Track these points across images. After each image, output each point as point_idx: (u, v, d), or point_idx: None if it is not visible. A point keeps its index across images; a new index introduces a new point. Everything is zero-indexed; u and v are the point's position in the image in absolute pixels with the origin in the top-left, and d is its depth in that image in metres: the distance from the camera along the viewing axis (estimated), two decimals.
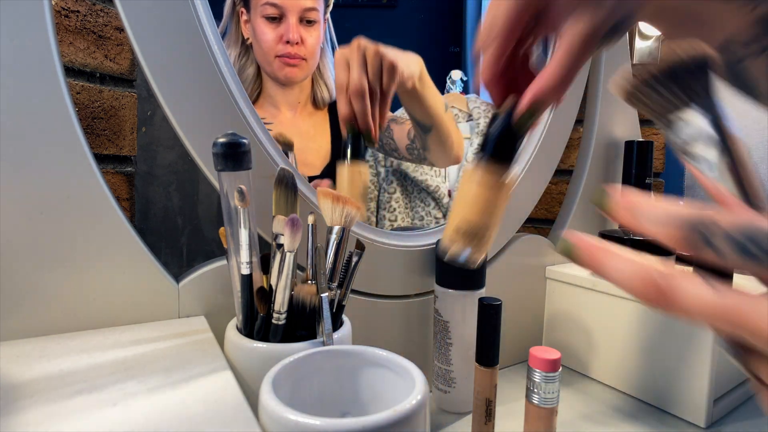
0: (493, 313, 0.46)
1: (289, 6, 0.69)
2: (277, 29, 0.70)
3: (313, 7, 0.71)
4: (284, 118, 0.77)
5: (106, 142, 0.57)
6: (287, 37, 0.70)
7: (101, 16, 0.56)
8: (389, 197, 0.81)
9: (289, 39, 0.70)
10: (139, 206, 0.68)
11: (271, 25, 0.70)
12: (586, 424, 0.56)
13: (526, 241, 0.70)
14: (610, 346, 0.65)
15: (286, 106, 0.77)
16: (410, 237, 0.59)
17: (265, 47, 0.71)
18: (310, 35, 0.72)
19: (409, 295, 0.59)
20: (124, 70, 0.59)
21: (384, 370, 0.37)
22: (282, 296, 0.38)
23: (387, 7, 0.98)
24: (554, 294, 0.72)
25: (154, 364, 0.36)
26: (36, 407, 0.29)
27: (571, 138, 0.76)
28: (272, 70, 0.73)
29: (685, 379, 0.57)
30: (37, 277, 0.39)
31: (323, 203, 0.44)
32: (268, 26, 0.70)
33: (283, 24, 0.70)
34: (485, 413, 0.47)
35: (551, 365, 0.45)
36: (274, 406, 0.29)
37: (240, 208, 0.37)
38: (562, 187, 0.95)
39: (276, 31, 0.70)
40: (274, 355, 0.36)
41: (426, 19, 1.02)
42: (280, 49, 0.71)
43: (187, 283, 0.45)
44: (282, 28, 0.70)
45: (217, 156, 0.37)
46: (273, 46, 0.71)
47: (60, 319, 0.40)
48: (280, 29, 0.70)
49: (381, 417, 0.28)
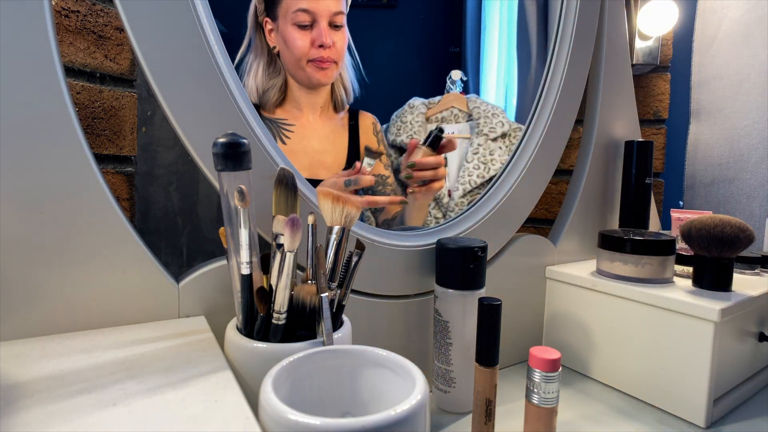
0: (493, 313, 0.46)
1: (320, 11, 0.72)
2: (309, 35, 0.73)
3: (341, 11, 0.74)
4: (306, 120, 0.79)
5: (106, 142, 0.57)
6: (320, 41, 0.72)
7: (101, 16, 0.56)
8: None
9: (322, 43, 0.72)
10: (139, 206, 0.68)
11: (302, 32, 0.73)
12: (586, 424, 0.56)
13: (526, 241, 0.70)
14: (610, 346, 0.65)
15: (309, 108, 0.79)
16: (410, 237, 0.59)
17: (298, 53, 0.73)
18: (339, 38, 0.75)
19: (409, 295, 0.59)
20: (124, 70, 0.59)
21: (384, 370, 0.37)
22: (282, 296, 0.39)
23: (387, 7, 0.98)
24: (554, 294, 0.72)
25: (154, 364, 0.36)
26: (36, 407, 0.29)
27: (571, 138, 0.76)
28: (304, 75, 0.75)
29: (685, 379, 0.57)
30: (37, 277, 0.39)
31: (323, 203, 0.44)
32: (299, 32, 0.73)
33: (315, 29, 0.73)
34: (485, 413, 0.47)
35: (551, 365, 0.45)
36: (274, 406, 0.29)
37: (240, 208, 0.37)
38: (562, 187, 0.95)
39: (308, 36, 0.73)
40: (274, 355, 0.36)
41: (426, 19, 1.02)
42: (314, 53, 0.73)
43: (187, 283, 0.45)
44: (314, 33, 0.73)
45: (217, 156, 0.37)
46: (306, 51, 0.73)
47: (60, 319, 0.40)
48: (312, 34, 0.73)
49: (381, 417, 0.28)
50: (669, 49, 0.98)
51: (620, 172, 0.82)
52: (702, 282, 0.61)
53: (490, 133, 0.83)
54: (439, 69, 0.94)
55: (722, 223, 0.58)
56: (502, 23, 0.99)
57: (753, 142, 0.94)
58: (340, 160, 0.79)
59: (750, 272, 0.72)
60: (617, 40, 0.82)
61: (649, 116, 0.99)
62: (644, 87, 0.99)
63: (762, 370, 0.67)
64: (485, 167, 0.81)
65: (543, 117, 0.71)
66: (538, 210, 0.96)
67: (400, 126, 0.85)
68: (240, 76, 0.66)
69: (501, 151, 0.83)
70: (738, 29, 0.96)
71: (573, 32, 0.73)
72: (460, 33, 1.02)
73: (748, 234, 0.58)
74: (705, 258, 0.61)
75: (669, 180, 1.03)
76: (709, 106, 1.01)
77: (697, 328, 0.55)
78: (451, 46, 1.02)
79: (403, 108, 0.87)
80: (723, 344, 0.56)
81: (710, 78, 1.01)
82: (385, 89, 0.93)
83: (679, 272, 0.69)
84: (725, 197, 0.98)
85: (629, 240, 0.64)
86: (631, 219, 0.80)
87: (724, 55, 0.98)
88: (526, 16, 0.94)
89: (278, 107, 0.77)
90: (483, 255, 0.55)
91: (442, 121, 0.86)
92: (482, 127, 0.84)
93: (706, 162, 1.01)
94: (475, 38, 1.01)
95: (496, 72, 1.00)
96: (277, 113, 0.77)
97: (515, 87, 0.98)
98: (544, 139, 0.70)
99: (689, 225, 0.61)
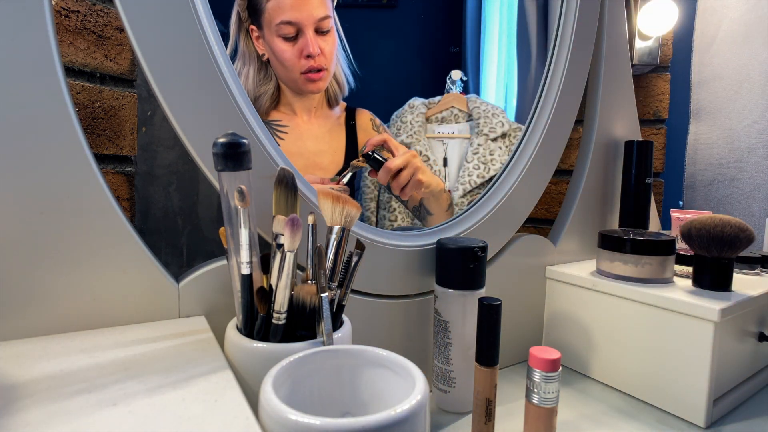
0: (493, 313, 0.46)
1: (303, 20, 0.70)
2: (295, 46, 0.71)
3: (326, 15, 0.72)
4: (300, 121, 0.78)
5: (106, 142, 0.57)
6: (307, 51, 0.70)
7: (101, 16, 0.56)
8: (389, 197, 0.81)
9: (309, 53, 0.71)
10: (139, 206, 0.68)
11: (289, 43, 0.71)
12: (586, 424, 0.56)
13: (526, 241, 0.70)
14: (610, 346, 0.65)
15: (303, 110, 0.78)
16: (410, 237, 0.59)
17: (289, 65, 0.72)
18: (327, 43, 0.73)
19: (409, 295, 0.59)
20: (124, 70, 0.59)
21: (384, 370, 0.37)
22: (282, 296, 0.39)
23: (387, 7, 0.98)
24: (554, 294, 0.72)
25: (154, 364, 0.36)
26: (36, 407, 0.29)
27: (571, 138, 0.76)
28: (297, 87, 0.74)
29: (685, 379, 0.57)
30: (37, 277, 0.39)
31: (323, 203, 0.44)
32: (286, 44, 0.71)
33: (301, 39, 0.71)
34: (485, 413, 0.47)
35: (551, 365, 0.45)
36: (274, 406, 0.29)
37: (240, 208, 0.37)
38: (562, 187, 0.95)
39: (295, 47, 0.71)
40: (274, 355, 0.36)
41: (426, 19, 1.02)
42: (303, 64, 0.72)
43: (187, 283, 0.45)
44: (300, 43, 0.71)
45: (217, 156, 0.37)
46: (296, 63, 0.72)
47: (60, 319, 0.40)
48: (299, 45, 0.71)
49: (381, 417, 0.28)
50: (669, 49, 0.98)
51: (620, 172, 0.82)
52: (702, 282, 0.61)
53: (490, 133, 0.83)
54: (439, 69, 0.94)
55: (722, 223, 0.58)
56: (502, 23, 0.99)
57: (753, 142, 0.94)
58: (337, 160, 0.79)
59: (750, 272, 0.72)
60: (617, 40, 0.82)
61: (649, 116, 0.99)
62: (644, 87, 0.99)
63: (762, 370, 0.67)
64: (485, 167, 0.81)
65: (543, 117, 0.71)
66: (538, 210, 0.96)
67: (400, 126, 0.85)
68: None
69: (501, 151, 0.83)
70: (738, 29, 0.96)
71: (573, 32, 0.73)
72: (460, 33, 1.02)
73: (748, 234, 0.58)
74: (705, 258, 0.61)
75: (669, 180, 1.03)
76: (709, 106, 1.01)
77: (697, 328, 0.55)
78: (451, 46, 1.02)
79: (403, 108, 0.87)
80: (723, 344, 0.56)
81: (710, 78, 1.01)
82: (385, 89, 0.93)
83: (679, 272, 0.69)
84: (725, 197, 0.98)
85: (629, 240, 0.64)
86: (631, 219, 0.80)
87: (724, 55, 0.98)
88: (526, 16, 0.94)
89: (272, 110, 0.77)
90: (483, 255, 0.55)
91: (442, 121, 0.86)
92: (482, 127, 0.84)
93: (705, 162, 1.01)
94: (475, 38, 1.01)
95: (496, 72, 1.00)
96: (272, 115, 0.76)
97: (515, 87, 0.98)
98: (544, 139, 0.70)
99: (689, 225, 0.61)
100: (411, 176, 0.70)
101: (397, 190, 0.70)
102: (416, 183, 0.71)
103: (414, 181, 0.70)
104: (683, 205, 1.05)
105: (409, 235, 0.60)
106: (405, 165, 0.69)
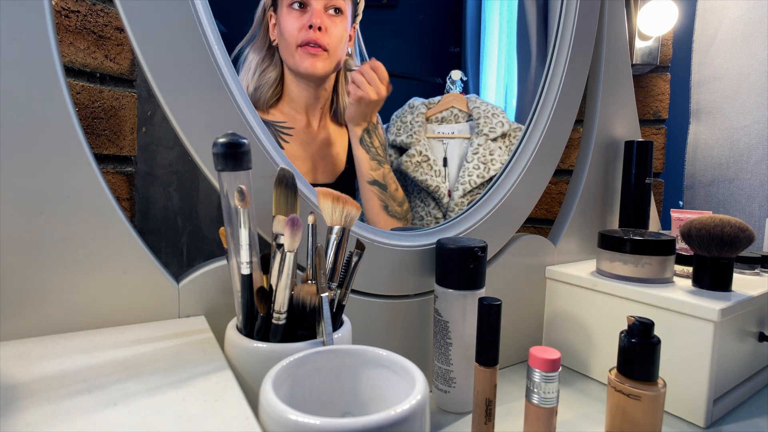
0: (493, 313, 0.46)
1: None
2: (301, 17, 0.71)
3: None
4: (306, 123, 0.77)
5: (106, 142, 0.57)
6: (310, 22, 0.70)
7: (101, 16, 0.56)
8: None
9: (312, 23, 0.70)
10: (139, 206, 0.68)
11: (296, 13, 0.71)
12: (586, 424, 0.56)
13: (526, 241, 0.70)
14: (610, 346, 0.65)
15: (308, 109, 0.77)
16: (410, 237, 0.59)
17: (288, 36, 0.71)
18: (335, 25, 0.72)
19: (409, 295, 0.59)
20: (124, 70, 0.59)
21: (384, 370, 0.37)
22: (282, 296, 0.39)
23: (387, 7, 0.98)
24: (554, 294, 0.72)
25: (154, 364, 0.36)
26: (36, 407, 0.29)
27: (571, 138, 0.76)
28: (294, 62, 0.72)
29: (685, 379, 0.57)
30: (37, 277, 0.39)
31: (323, 203, 0.44)
32: (293, 14, 0.71)
33: (308, 12, 0.71)
34: (485, 413, 0.47)
35: (551, 365, 0.45)
36: (274, 406, 0.29)
37: (240, 208, 0.37)
38: (562, 187, 0.95)
39: (301, 19, 0.71)
40: (274, 355, 0.36)
41: (426, 19, 1.02)
42: (303, 36, 0.71)
43: (187, 283, 0.45)
44: (306, 16, 0.71)
45: (217, 156, 0.37)
46: (296, 34, 0.71)
47: (60, 319, 0.40)
48: (305, 17, 0.71)
49: (381, 417, 0.28)
50: (669, 49, 0.98)
51: (620, 172, 0.82)
52: (702, 282, 0.61)
53: (490, 133, 0.83)
54: (439, 69, 0.94)
55: (722, 223, 0.58)
56: (502, 23, 0.99)
57: (753, 142, 0.94)
58: (338, 165, 0.78)
59: (750, 272, 0.72)
60: (617, 40, 0.82)
61: (648, 116, 0.99)
62: (644, 87, 0.99)
63: (762, 370, 0.67)
64: (485, 167, 0.81)
65: (543, 117, 0.71)
66: (538, 210, 0.96)
67: (400, 126, 0.85)
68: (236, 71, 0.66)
69: (501, 151, 0.83)
70: (738, 29, 0.96)
71: (573, 32, 0.73)
72: (460, 33, 1.03)
73: (748, 234, 0.58)
74: (705, 258, 0.61)
75: (669, 180, 1.03)
76: (708, 106, 1.01)
77: (697, 328, 0.55)
78: (451, 46, 1.02)
79: (403, 108, 0.87)
80: (723, 344, 0.56)
81: (710, 78, 1.01)
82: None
83: (679, 272, 0.69)
84: (725, 197, 0.98)
85: (629, 240, 0.64)
86: (630, 219, 0.80)
87: (723, 55, 0.98)
88: (526, 16, 0.94)
89: (273, 107, 0.75)
90: (483, 255, 0.55)
91: (442, 121, 0.86)
92: (482, 127, 0.84)
93: (705, 162, 1.01)
94: (475, 38, 1.01)
95: (496, 72, 1.00)
96: (274, 114, 0.75)
97: (515, 87, 0.98)
98: (544, 139, 0.70)
99: (689, 225, 0.61)
100: (368, 85, 0.72)
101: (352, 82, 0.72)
102: (360, 94, 0.72)
103: (362, 92, 0.72)
104: (683, 205, 1.05)
105: (409, 235, 0.60)
106: (383, 79, 0.72)
